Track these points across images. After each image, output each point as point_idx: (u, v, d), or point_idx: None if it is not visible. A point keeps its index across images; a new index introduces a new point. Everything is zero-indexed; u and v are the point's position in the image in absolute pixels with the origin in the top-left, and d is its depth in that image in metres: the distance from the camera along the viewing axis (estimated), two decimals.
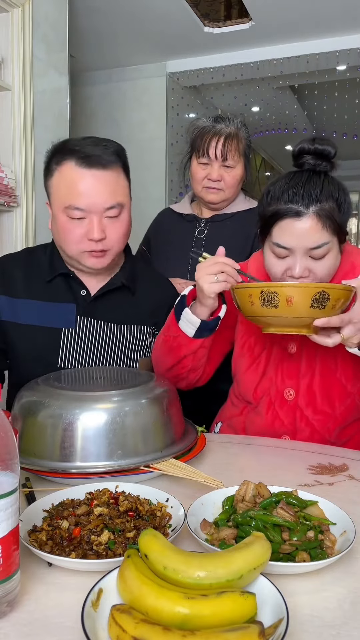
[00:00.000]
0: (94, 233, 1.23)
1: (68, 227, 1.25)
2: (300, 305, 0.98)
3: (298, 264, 1.09)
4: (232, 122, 1.74)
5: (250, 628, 0.51)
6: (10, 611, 0.61)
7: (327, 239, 1.08)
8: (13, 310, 1.33)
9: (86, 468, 0.92)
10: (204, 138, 1.72)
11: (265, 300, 0.99)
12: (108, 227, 1.26)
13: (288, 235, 1.09)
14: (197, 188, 1.79)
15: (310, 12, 3.47)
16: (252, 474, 1.02)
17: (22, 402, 1.02)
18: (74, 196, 1.22)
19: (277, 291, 0.98)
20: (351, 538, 0.72)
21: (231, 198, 1.80)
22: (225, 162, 1.72)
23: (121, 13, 3.50)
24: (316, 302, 0.97)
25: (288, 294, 0.98)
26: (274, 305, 0.98)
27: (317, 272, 1.11)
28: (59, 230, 1.28)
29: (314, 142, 1.12)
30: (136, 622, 0.52)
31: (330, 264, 1.12)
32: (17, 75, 2.51)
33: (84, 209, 1.23)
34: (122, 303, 1.38)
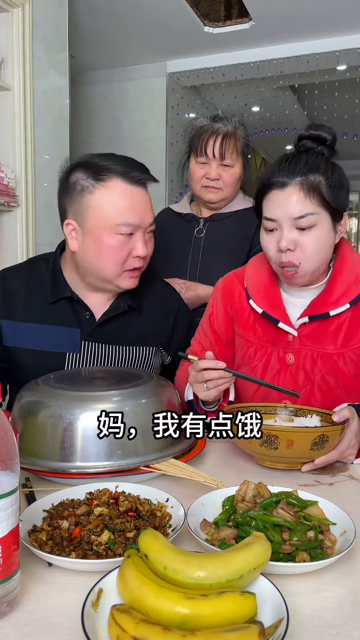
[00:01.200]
0: (140, 249, 1.23)
1: (115, 247, 1.22)
2: (300, 448, 0.97)
3: (285, 235, 1.10)
4: (230, 121, 1.74)
5: (250, 628, 0.51)
6: (10, 611, 0.61)
7: (311, 210, 1.09)
8: (15, 334, 1.30)
9: (86, 468, 0.92)
10: (201, 137, 1.72)
11: (265, 442, 0.97)
12: (148, 243, 1.27)
13: (274, 206, 1.11)
14: (196, 187, 1.78)
15: (310, 12, 3.47)
16: (252, 474, 1.02)
17: (22, 402, 1.02)
18: (125, 212, 1.21)
19: (278, 435, 0.95)
20: (351, 538, 0.72)
21: (230, 197, 1.80)
22: (224, 160, 1.72)
23: (121, 13, 3.50)
24: (316, 445, 0.97)
25: (289, 438, 0.95)
26: (273, 447, 0.97)
27: (304, 246, 1.10)
28: (101, 251, 1.23)
29: (309, 129, 1.16)
30: (136, 622, 0.52)
31: (319, 239, 1.11)
32: (17, 75, 2.51)
33: (134, 224, 1.22)
34: (127, 324, 1.35)
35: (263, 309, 1.23)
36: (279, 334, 1.23)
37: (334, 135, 1.15)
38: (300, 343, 1.20)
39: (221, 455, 1.12)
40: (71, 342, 1.30)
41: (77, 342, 1.30)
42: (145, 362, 1.36)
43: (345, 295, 1.17)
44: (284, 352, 1.22)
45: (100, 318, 1.32)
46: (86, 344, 1.31)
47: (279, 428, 0.98)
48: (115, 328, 1.33)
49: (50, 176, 2.75)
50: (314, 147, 1.14)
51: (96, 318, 1.33)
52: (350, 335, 1.18)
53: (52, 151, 2.78)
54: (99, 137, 4.53)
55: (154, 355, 1.39)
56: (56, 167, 1.36)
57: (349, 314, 1.18)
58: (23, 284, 1.34)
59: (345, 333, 1.18)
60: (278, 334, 1.23)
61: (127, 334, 1.35)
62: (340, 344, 1.18)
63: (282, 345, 1.22)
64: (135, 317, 1.36)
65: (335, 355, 1.18)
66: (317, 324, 1.19)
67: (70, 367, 1.29)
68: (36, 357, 1.28)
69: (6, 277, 1.36)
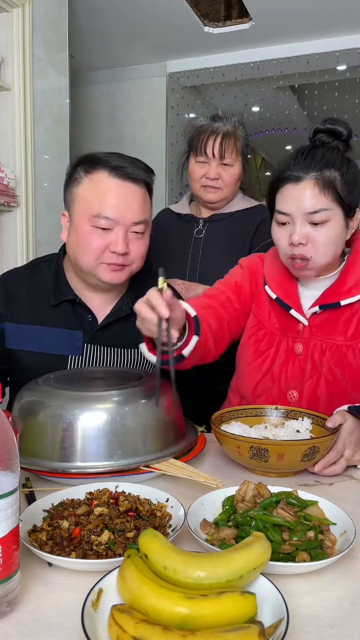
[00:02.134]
0: (118, 245, 1.20)
1: (90, 237, 1.21)
2: (291, 460, 0.96)
3: (297, 229, 1.11)
4: (230, 121, 1.74)
5: (250, 628, 0.51)
6: (10, 611, 0.61)
7: (325, 205, 1.09)
8: (18, 337, 1.29)
9: (86, 468, 0.92)
10: (201, 136, 1.72)
11: (255, 455, 0.96)
12: (132, 242, 1.23)
13: (287, 200, 1.11)
14: (195, 187, 1.78)
15: (310, 12, 3.47)
16: (252, 474, 1.02)
17: (22, 402, 1.02)
18: (103, 205, 1.19)
19: (268, 448, 0.94)
20: (351, 538, 0.72)
21: (229, 197, 1.80)
22: (223, 160, 1.72)
23: (121, 13, 3.50)
24: (306, 457, 0.96)
25: (279, 451, 0.95)
26: (263, 460, 0.96)
27: (316, 241, 1.11)
28: (78, 240, 1.23)
29: (325, 122, 1.16)
30: (136, 622, 0.52)
31: (331, 234, 1.11)
32: (17, 75, 2.51)
33: (113, 219, 1.19)
34: (129, 327, 1.30)
35: (277, 295, 1.25)
36: (289, 322, 1.24)
37: (350, 130, 1.15)
38: (310, 333, 1.21)
39: (221, 455, 1.12)
40: (74, 345, 1.29)
41: (79, 345, 1.29)
42: (147, 364, 1.36)
43: (358, 286, 1.18)
44: (293, 342, 1.23)
45: (102, 321, 1.32)
46: (88, 347, 1.30)
47: (269, 442, 0.97)
48: (117, 330, 1.33)
49: (50, 176, 2.76)
50: (329, 142, 1.15)
51: (98, 320, 1.32)
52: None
53: (52, 151, 2.78)
54: (99, 137, 4.53)
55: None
56: (56, 167, 1.36)
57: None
58: (26, 287, 1.34)
59: (356, 325, 1.19)
60: (289, 322, 1.24)
61: (129, 336, 1.33)
62: (350, 336, 1.19)
63: (292, 334, 1.24)
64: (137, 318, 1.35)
65: (345, 347, 1.19)
66: (328, 314, 1.20)
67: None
68: (39, 359, 1.28)
69: (9, 280, 1.36)
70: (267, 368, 1.26)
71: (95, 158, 1.23)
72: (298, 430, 1.08)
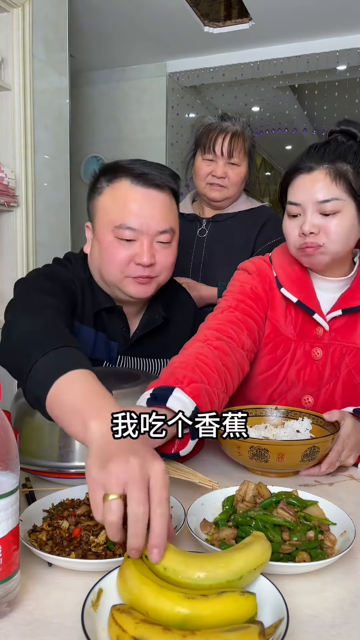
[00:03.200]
0: (143, 257, 1.13)
1: (114, 248, 1.14)
2: (291, 460, 0.96)
3: (308, 219, 1.09)
4: (238, 121, 1.75)
5: (250, 628, 0.51)
6: (10, 611, 0.61)
7: (337, 195, 1.08)
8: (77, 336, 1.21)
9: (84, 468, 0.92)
10: (210, 135, 1.72)
11: (255, 455, 0.96)
12: (158, 253, 1.17)
13: (299, 190, 1.11)
14: (201, 185, 1.78)
15: (310, 12, 3.47)
16: (252, 474, 1.02)
17: (20, 402, 1.02)
18: (125, 215, 1.13)
19: (268, 448, 0.94)
20: (351, 538, 0.72)
21: (234, 197, 1.80)
22: (231, 159, 1.72)
23: (121, 13, 3.50)
24: (307, 457, 0.96)
25: (279, 451, 0.94)
26: (263, 460, 0.96)
27: (328, 230, 1.08)
28: (101, 252, 1.17)
29: (340, 124, 1.16)
30: (136, 622, 0.51)
31: (343, 225, 1.09)
32: (17, 75, 2.51)
33: (136, 229, 1.13)
34: (159, 336, 1.31)
35: (299, 299, 1.18)
36: (307, 326, 1.20)
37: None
38: (329, 337, 1.18)
39: (221, 455, 1.12)
40: (109, 355, 1.25)
41: (114, 356, 1.26)
42: None
43: None
44: (311, 346, 1.19)
45: (136, 332, 1.28)
46: (121, 358, 1.27)
47: (269, 442, 0.96)
48: (149, 342, 1.30)
49: (50, 176, 2.76)
50: (343, 141, 1.14)
51: (130, 330, 1.29)
52: None
53: (52, 151, 2.78)
54: (99, 137, 4.53)
55: None
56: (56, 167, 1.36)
57: None
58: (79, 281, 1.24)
59: None
60: (306, 326, 1.20)
61: (158, 345, 1.31)
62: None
63: (310, 339, 1.19)
64: (166, 328, 1.33)
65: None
66: (347, 318, 1.17)
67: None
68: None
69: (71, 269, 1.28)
70: (283, 375, 1.22)
71: (117, 166, 1.17)
72: (298, 430, 1.08)
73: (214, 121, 1.75)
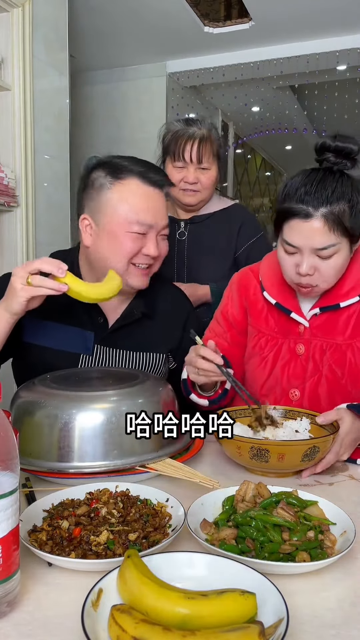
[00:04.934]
0: (152, 249, 1.26)
1: (126, 241, 1.24)
2: (291, 460, 0.96)
3: (305, 262, 1.11)
4: (204, 124, 1.76)
5: (250, 628, 0.51)
6: (10, 611, 0.61)
7: (334, 241, 1.09)
8: (35, 331, 1.30)
9: (83, 468, 0.92)
10: (178, 142, 1.74)
11: (255, 455, 0.96)
12: (159, 245, 1.29)
13: (296, 235, 1.11)
14: (174, 191, 1.79)
15: (310, 12, 3.47)
16: (252, 474, 1.02)
17: (19, 402, 1.02)
18: (140, 212, 1.23)
19: (268, 448, 0.94)
20: (351, 538, 0.72)
21: (207, 199, 1.83)
22: (201, 164, 1.74)
23: (121, 13, 3.50)
24: (307, 457, 0.96)
25: (280, 451, 0.95)
26: (264, 460, 0.96)
27: (323, 271, 1.13)
28: (113, 244, 1.25)
29: (335, 140, 1.12)
30: (136, 622, 0.51)
31: (338, 264, 1.13)
32: (17, 75, 2.51)
33: (148, 224, 1.24)
34: (139, 330, 1.36)
35: (277, 300, 1.27)
36: (290, 325, 1.26)
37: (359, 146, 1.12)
38: (310, 334, 1.24)
39: (220, 455, 1.12)
40: (85, 345, 1.31)
41: (90, 346, 1.31)
42: (155, 368, 1.37)
43: (355, 289, 1.21)
44: (295, 343, 1.26)
45: (113, 325, 1.34)
46: (99, 348, 1.32)
47: (269, 442, 0.97)
48: (127, 333, 1.34)
49: (50, 176, 2.76)
50: (338, 162, 1.12)
51: (109, 323, 1.34)
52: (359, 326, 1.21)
53: (52, 151, 2.78)
54: (98, 137, 4.53)
55: (164, 362, 1.40)
56: (56, 167, 1.38)
57: (358, 306, 1.22)
58: None
59: (354, 325, 1.21)
60: (289, 325, 1.27)
61: (139, 340, 1.36)
62: (348, 335, 1.21)
63: (293, 336, 1.26)
64: (148, 323, 1.37)
65: (344, 345, 1.21)
66: (328, 315, 1.23)
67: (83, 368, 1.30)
68: (52, 355, 1.29)
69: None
70: (270, 369, 1.28)
71: (119, 164, 1.26)
72: (297, 431, 1.08)
73: (180, 127, 1.76)
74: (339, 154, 1.12)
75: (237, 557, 0.67)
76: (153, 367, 1.37)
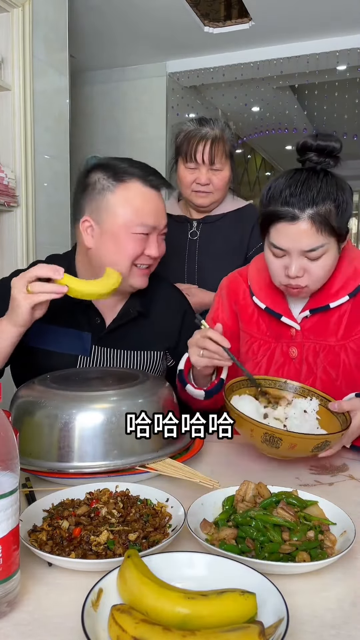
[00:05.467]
0: (154, 250, 1.28)
1: (130, 243, 1.26)
2: (302, 450, 0.97)
3: (294, 264, 1.11)
4: (217, 124, 1.74)
5: (250, 628, 0.51)
6: (10, 611, 0.61)
7: (322, 242, 1.09)
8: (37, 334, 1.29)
9: (82, 468, 0.92)
10: (190, 142, 1.72)
11: (267, 441, 0.96)
12: (159, 245, 1.32)
13: (283, 237, 1.10)
14: (186, 192, 1.79)
15: (310, 12, 3.47)
16: (252, 474, 1.02)
17: (19, 402, 1.02)
18: (145, 214, 1.25)
19: (281, 437, 0.94)
20: (351, 538, 0.72)
21: (220, 199, 1.81)
22: (213, 165, 1.72)
23: (121, 13, 3.50)
24: (317, 449, 0.97)
25: (292, 442, 0.95)
26: (275, 446, 0.96)
27: (312, 272, 1.12)
28: (115, 246, 1.26)
29: (316, 138, 1.10)
30: (136, 622, 0.51)
31: (327, 264, 1.13)
32: (17, 75, 2.50)
33: (154, 226, 1.27)
34: (136, 329, 1.37)
35: (266, 305, 1.26)
36: (282, 328, 1.25)
37: (341, 143, 1.11)
38: (302, 337, 1.23)
39: (220, 455, 1.12)
40: (83, 346, 1.31)
41: (88, 347, 1.32)
42: (153, 366, 1.38)
43: (344, 288, 1.20)
44: (288, 346, 1.25)
45: (110, 325, 1.34)
46: (97, 349, 1.32)
47: (283, 432, 0.96)
48: (124, 333, 1.35)
49: (50, 176, 2.76)
50: (320, 162, 1.11)
51: (106, 323, 1.35)
52: (351, 326, 1.21)
53: (52, 151, 2.78)
54: (98, 137, 4.53)
55: (162, 360, 1.40)
56: (56, 167, 1.39)
57: (348, 306, 1.21)
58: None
59: (346, 325, 1.21)
60: (281, 328, 1.26)
61: (136, 339, 1.36)
62: (341, 336, 1.21)
63: (286, 339, 1.25)
64: (144, 321, 1.38)
65: (337, 347, 1.21)
66: (319, 317, 1.22)
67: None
68: (51, 358, 1.29)
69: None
70: (264, 374, 1.27)
71: (119, 167, 1.28)
72: (305, 410, 1.10)
73: (193, 127, 1.74)
74: (321, 153, 1.11)
75: (237, 557, 0.67)
76: (151, 365, 1.37)
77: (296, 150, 1.14)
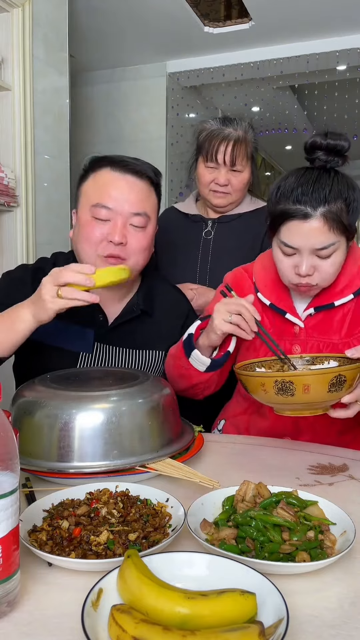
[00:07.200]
0: (115, 235, 1.21)
1: (90, 227, 1.23)
2: (317, 392, 0.94)
3: (304, 262, 1.11)
4: (240, 125, 1.71)
5: (250, 628, 0.51)
6: (10, 611, 0.61)
7: (333, 240, 1.09)
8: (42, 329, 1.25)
9: (82, 468, 0.92)
10: (212, 142, 1.69)
11: (280, 390, 0.94)
12: (130, 234, 1.24)
13: (295, 236, 1.10)
14: (204, 191, 1.77)
15: (310, 12, 3.47)
16: (252, 474, 1.02)
17: (19, 402, 1.02)
18: (102, 195, 1.23)
19: (292, 380, 0.92)
20: (351, 538, 0.72)
21: (238, 201, 1.79)
22: (234, 167, 1.70)
23: (121, 13, 3.50)
24: (333, 387, 0.94)
25: (305, 382, 0.93)
26: (289, 394, 0.93)
27: (322, 270, 1.13)
28: (80, 231, 1.26)
29: (326, 137, 1.10)
30: (136, 622, 0.51)
31: (337, 262, 1.13)
32: (17, 75, 2.51)
33: (112, 209, 1.22)
34: (139, 327, 1.36)
35: (271, 301, 1.26)
36: (285, 325, 1.26)
37: (350, 142, 1.11)
38: (306, 334, 1.23)
39: (220, 455, 1.12)
40: (85, 343, 1.30)
41: (90, 344, 1.30)
42: (154, 366, 1.37)
43: (349, 287, 1.21)
44: (291, 344, 1.25)
45: (113, 322, 1.33)
46: (99, 346, 1.31)
47: (292, 373, 0.94)
48: (127, 331, 1.34)
49: (50, 176, 2.76)
50: (329, 160, 1.11)
51: (109, 320, 1.33)
52: (354, 324, 1.21)
53: (52, 151, 2.78)
54: (99, 137, 4.53)
55: (163, 360, 1.40)
56: (56, 167, 1.41)
57: (352, 304, 1.22)
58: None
59: (350, 323, 1.21)
60: (285, 325, 1.26)
61: (138, 337, 1.35)
62: (344, 334, 1.21)
63: (289, 337, 1.25)
64: (147, 320, 1.37)
65: (341, 345, 1.21)
66: (323, 315, 1.23)
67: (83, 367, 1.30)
68: (54, 354, 1.28)
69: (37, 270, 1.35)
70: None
71: (102, 157, 1.28)
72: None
73: (216, 127, 1.71)
74: (330, 152, 1.11)
75: (237, 557, 0.67)
76: (153, 364, 1.37)
77: (304, 149, 1.14)
